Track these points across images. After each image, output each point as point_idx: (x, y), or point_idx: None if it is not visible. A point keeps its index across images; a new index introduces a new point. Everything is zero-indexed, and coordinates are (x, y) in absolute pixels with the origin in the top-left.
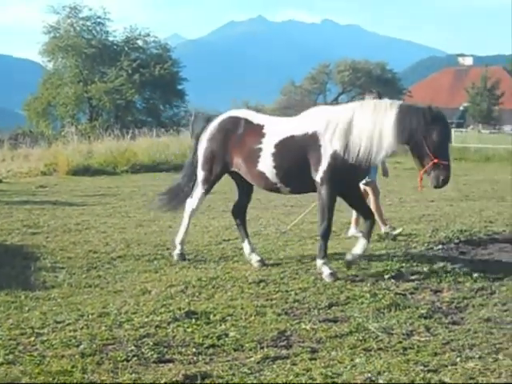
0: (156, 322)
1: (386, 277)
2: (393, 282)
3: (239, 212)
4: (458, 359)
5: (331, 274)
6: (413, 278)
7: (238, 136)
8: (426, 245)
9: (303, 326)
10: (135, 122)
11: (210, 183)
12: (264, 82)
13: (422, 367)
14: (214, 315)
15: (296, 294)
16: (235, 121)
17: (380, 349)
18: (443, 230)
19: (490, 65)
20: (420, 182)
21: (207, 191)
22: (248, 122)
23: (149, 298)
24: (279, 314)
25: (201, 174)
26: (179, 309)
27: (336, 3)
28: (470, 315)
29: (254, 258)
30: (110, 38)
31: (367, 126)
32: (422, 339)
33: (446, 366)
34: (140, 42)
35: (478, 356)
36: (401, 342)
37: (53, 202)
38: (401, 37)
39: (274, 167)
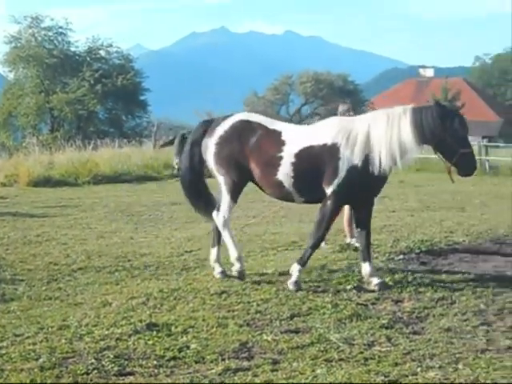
0: (117, 335)
1: (348, 287)
2: (354, 292)
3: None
4: (419, 369)
5: (296, 282)
6: (374, 288)
7: (254, 141)
8: (387, 255)
9: (265, 338)
10: (97, 133)
11: (234, 188)
12: (226, 92)
13: (382, 377)
14: (176, 327)
15: (258, 304)
16: (249, 125)
17: (341, 359)
18: (404, 240)
19: (450, 76)
20: (451, 175)
21: (234, 198)
22: (262, 127)
23: (110, 311)
24: (241, 326)
25: (221, 180)
26: (140, 321)
27: (298, 15)
28: (431, 325)
29: (217, 269)
30: (72, 49)
31: (386, 134)
32: (383, 349)
33: (407, 376)
34: (102, 53)
35: (438, 366)
36: (362, 353)
37: (13, 213)
38: (363, 48)
39: (293, 177)
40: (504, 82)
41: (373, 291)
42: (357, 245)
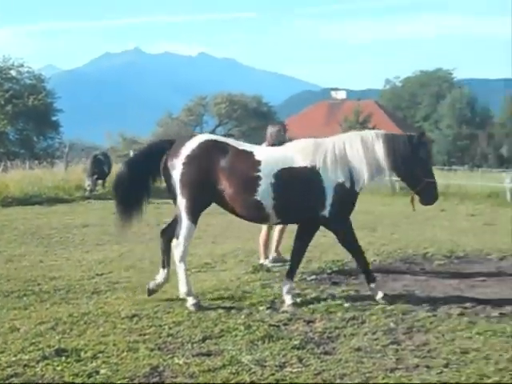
0: (24, 361)
1: (261, 308)
2: (267, 313)
3: (168, 237)
4: None
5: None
6: (287, 309)
7: (225, 161)
8: (299, 276)
9: (176, 361)
10: (7, 154)
11: (196, 211)
12: (140, 113)
13: None
14: (85, 352)
15: (170, 328)
16: (217, 145)
17: (252, 382)
18: (316, 260)
19: (362, 99)
20: (413, 203)
21: (195, 221)
22: (232, 147)
23: (17, 336)
24: (152, 350)
25: (183, 203)
26: (49, 346)
27: (211, 37)
28: (342, 345)
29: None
30: None
31: (364, 154)
32: (295, 370)
33: None
34: (13, 73)
35: None
36: (273, 374)
37: None
38: (276, 70)
39: (273, 198)
40: (413, 105)
41: (285, 312)
42: (269, 265)
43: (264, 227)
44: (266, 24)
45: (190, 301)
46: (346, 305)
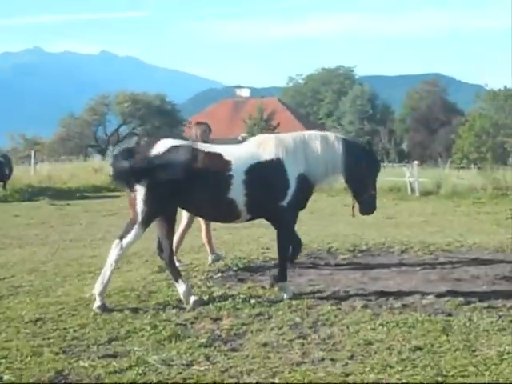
0: None
1: (167, 308)
2: (173, 312)
3: (166, 251)
4: None
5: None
6: (193, 307)
7: (195, 163)
8: (205, 274)
9: (82, 364)
10: None
11: (151, 217)
12: (41, 113)
13: None
14: None
15: (75, 330)
16: (184, 148)
17: (159, 381)
18: (222, 258)
19: (265, 96)
20: (353, 210)
21: (145, 227)
22: (198, 150)
23: None
24: (57, 353)
25: (142, 211)
26: None
27: (113, 35)
28: (249, 341)
29: (192, 299)
30: None
31: (322, 153)
32: (202, 368)
33: None
34: None
35: (255, 381)
36: (180, 373)
37: None
38: (179, 69)
39: (246, 194)
40: (316, 102)
41: (192, 310)
42: (210, 261)
43: (203, 225)
44: (165, 23)
45: (98, 302)
46: (253, 301)
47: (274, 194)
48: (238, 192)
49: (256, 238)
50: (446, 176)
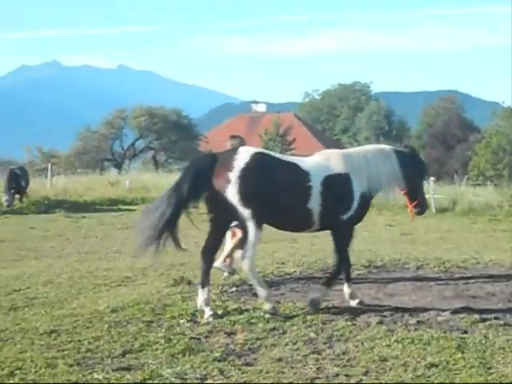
0: None
1: (182, 321)
2: (188, 326)
3: (210, 257)
4: None
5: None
6: (207, 321)
7: (278, 172)
8: (220, 287)
9: (96, 376)
10: None
11: (260, 223)
12: (58, 127)
13: None
14: (2, 369)
15: (89, 343)
16: (266, 157)
17: None
18: (237, 272)
19: (281, 111)
20: (411, 215)
21: (260, 229)
22: (279, 159)
23: None
24: (71, 365)
25: (247, 213)
26: None
27: (130, 50)
28: (263, 356)
29: (208, 312)
30: None
31: (383, 168)
32: (216, 383)
33: None
34: None
35: None
36: None
37: None
38: (196, 83)
39: (320, 205)
40: (332, 118)
41: (206, 324)
42: (219, 267)
43: (237, 236)
44: (183, 37)
45: (268, 305)
46: (267, 316)
47: (340, 206)
48: (315, 202)
49: (271, 253)
50: (462, 193)
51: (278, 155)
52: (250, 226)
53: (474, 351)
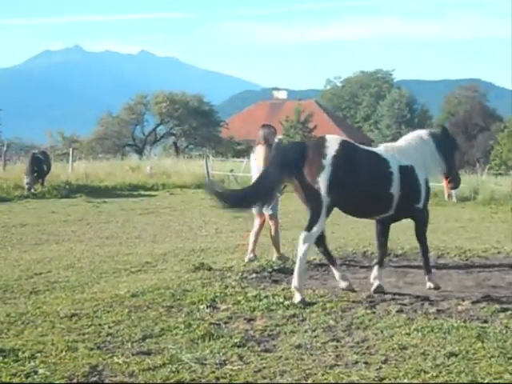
0: None
1: (201, 307)
2: (207, 311)
3: (322, 239)
4: None
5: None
6: (227, 307)
7: (364, 159)
8: (240, 274)
9: (116, 360)
10: None
11: (330, 210)
12: (80, 112)
13: None
14: (23, 352)
15: (110, 327)
16: (352, 145)
17: (193, 380)
18: (257, 259)
19: (303, 99)
20: (447, 192)
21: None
22: (362, 149)
23: None
24: (91, 349)
25: (326, 201)
26: None
27: (152, 35)
28: (282, 342)
29: (342, 284)
30: None
31: (429, 152)
32: (235, 368)
33: None
34: None
35: (288, 383)
36: (214, 372)
37: None
38: (217, 70)
39: (400, 191)
40: (353, 105)
41: (226, 310)
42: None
43: (257, 224)
44: (205, 24)
45: (298, 296)
46: (287, 303)
47: (413, 195)
48: (395, 188)
49: (290, 240)
50: (483, 182)
51: (357, 144)
52: (322, 212)
53: (494, 341)
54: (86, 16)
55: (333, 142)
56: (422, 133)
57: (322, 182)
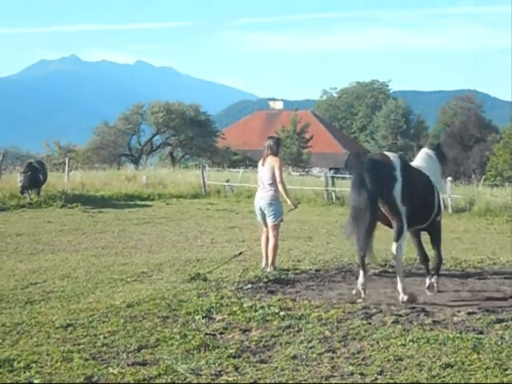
0: None
1: (197, 317)
2: (203, 322)
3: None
4: None
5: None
6: (223, 317)
7: (414, 172)
8: (235, 284)
9: (111, 371)
10: None
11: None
12: (76, 121)
13: None
14: (18, 362)
15: (105, 337)
16: (405, 159)
17: None
18: (253, 269)
19: (299, 109)
20: None
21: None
22: (410, 165)
23: None
24: (87, 359)
25: (403, 210)
26: None
27: (149, 45)
28: (278, 353)
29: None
30: None
31: (436, 168)
32: (230, 379)
33: None
34: None
35: None
36: (209, 383)
37: None
38: (213, 80)
39: (438, 201)
40: (349, 116)
41: (221, 320)
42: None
43: (265, 233)
44: (200, 34)
45: (403, 296)
46: (282, 313)
47: (438, 209)
48: (437, 200)
49: (286, 250)
50: (479, 193)
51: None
52: (404, 222)
53: (489, 352)
54: (83, 26)
55: (392, 156)
56: (429, 151)
57: (396, 192)
